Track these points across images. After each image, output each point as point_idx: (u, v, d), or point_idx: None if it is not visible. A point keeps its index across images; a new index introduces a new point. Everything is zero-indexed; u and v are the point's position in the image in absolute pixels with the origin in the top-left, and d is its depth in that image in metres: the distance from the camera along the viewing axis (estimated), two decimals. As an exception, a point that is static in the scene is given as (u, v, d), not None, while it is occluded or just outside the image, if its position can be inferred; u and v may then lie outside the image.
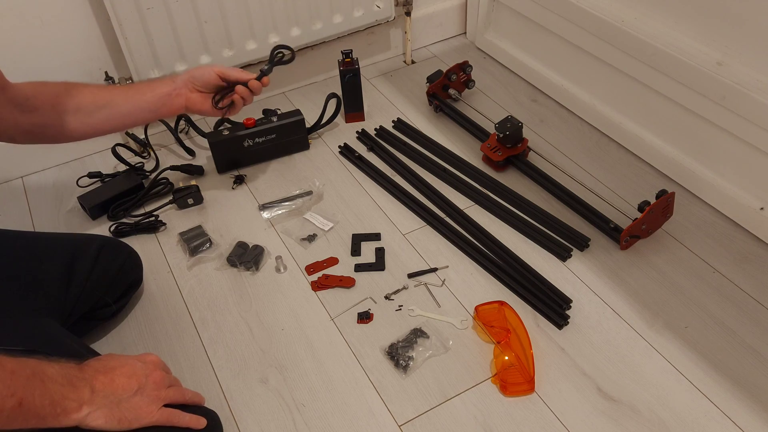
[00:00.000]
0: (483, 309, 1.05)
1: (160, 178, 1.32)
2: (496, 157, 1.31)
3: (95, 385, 0.72)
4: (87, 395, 0.70)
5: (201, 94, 1.13)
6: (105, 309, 1.04)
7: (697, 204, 1.23)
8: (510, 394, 0.95)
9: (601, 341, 1.01)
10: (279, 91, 1.61)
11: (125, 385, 0.74)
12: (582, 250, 1.16)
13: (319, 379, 0.99)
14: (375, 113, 1.52)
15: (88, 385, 0.71)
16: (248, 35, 1.40)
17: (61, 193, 1.36)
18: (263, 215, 1.27)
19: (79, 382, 0.70)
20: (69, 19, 1.28)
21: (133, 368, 0.77)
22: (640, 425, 0.90)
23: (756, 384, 0.94)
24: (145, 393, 0.76)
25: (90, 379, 0.72)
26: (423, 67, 1.68)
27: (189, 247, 1.19)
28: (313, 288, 1.12)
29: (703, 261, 1.13)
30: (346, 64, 1.42)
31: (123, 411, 0.73)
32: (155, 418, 0.76)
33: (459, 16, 1.76)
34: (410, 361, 0.99)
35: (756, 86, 1.04)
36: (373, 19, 1.53)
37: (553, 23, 1.43)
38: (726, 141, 1.14)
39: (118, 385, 0.74)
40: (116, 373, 0.75)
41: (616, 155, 1.36)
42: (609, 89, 1.37)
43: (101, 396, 0.72)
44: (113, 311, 1.06)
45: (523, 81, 1.59)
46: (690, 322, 1.03)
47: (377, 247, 1.19)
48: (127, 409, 0.73)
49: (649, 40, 1.19)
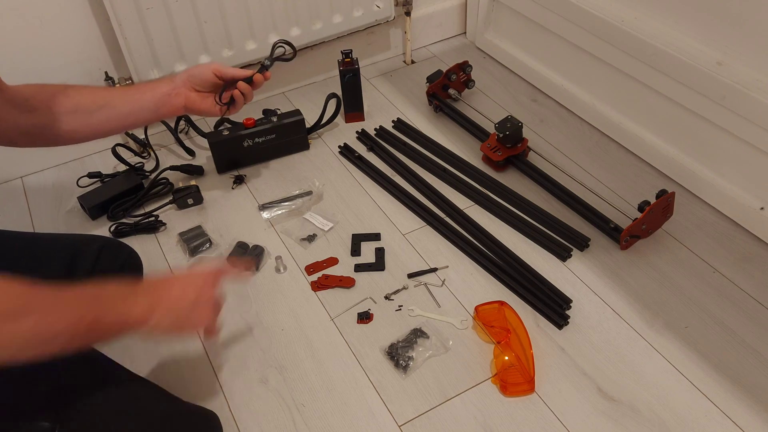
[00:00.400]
0: (483, 309, 1.05)
1: (159, 178, 1.32)
2: (496, 157, 1.31)
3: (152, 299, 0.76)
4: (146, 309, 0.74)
5: (200, 94, 1.13)
6: None
7: (697, 204, 1.23)
8: (510, 394, 0.95)
9: (601, 341, 1.01)
10: (279, 91, 1.61)
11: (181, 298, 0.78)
12: (582, 250, 1.16)
13: (319, 380, 0.99)
14: (375, 113, 1.52)
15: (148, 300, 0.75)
16: (248, 35, 1.40)
17: (60, 193, 1.36)
18: (263, 215, 1.27)
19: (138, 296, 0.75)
20: (69, 19, 1.28)
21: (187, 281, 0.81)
22: (640, 425, 0.90)
23: (756, 384, 0.94)
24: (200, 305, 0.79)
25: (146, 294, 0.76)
26: (423, 67, 1.68)
27: (189, 247, 1.19)
28: (313, 288, 1.12)
29: (703, 261, 1.13)
30: (346, 64, 1.42)
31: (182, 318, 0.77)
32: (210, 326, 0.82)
33: (459, 16, 1.76)
34: (410, 361, 0.99)
35: (756, 86, 1.04)
36: (372, 19, 1.53)
37: (553, 23, 1.43)
38: (726, 141, 1.14)
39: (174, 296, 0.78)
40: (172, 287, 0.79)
41: (616, 155, 1.36)
42: (609, 89, 1.37)
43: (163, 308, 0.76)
44: None
45: (523, 81, 1.59)
46: (690, 322, 1.03)
47: (377, 247, 1.19)
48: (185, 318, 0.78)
49: (649, 40, 1.19)
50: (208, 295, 0.81)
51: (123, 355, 1.03)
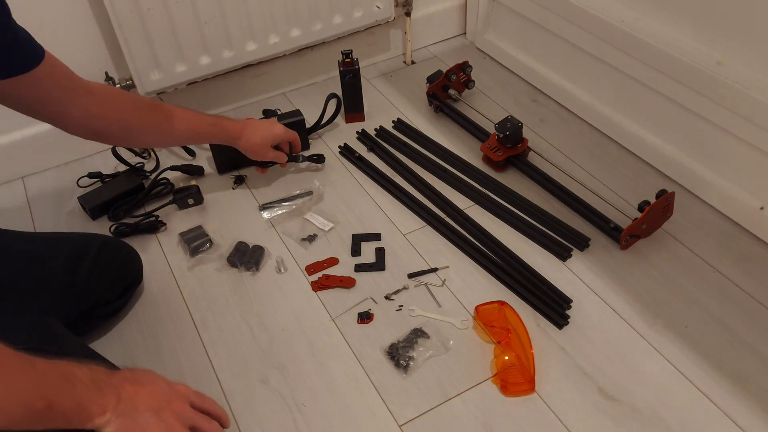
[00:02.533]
0: (483, 309, 1.05)
1: (160, 178, 1.33)
2: (496, 157, 1.31)
3: (122, 393, 0.70)
4: (113, 402, 0.69)
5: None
6: (106, 306, 1.05)
7: (697, 204, 1.23)
8: (510, 394, 0.95)
9: (601, 341, 1.01)
10: (279, 91, 1.61)
11: (146, 401, 0.72)
12: (582, 250, 1.16)
13: (320, 380, 0.99)
14: (375, 113, 1.53)
15: (116, 393, 0.70)
16: (248, 36, 1.40)
17: (61, 193, 1.36)
18: (263, 215, 1.27)
19: (107, 387, 0.69)
20: (69, 20, 1.28)
21: (159, 389, 0.75)
22: (640, 425, 0.90)
23: (756, 384, 0.94)
24: (161, 416, 0.72)
25: (118, 386, 0.70)
26: (423, 67, 1.68)
27: (189, 247, 1.19)
28: (314, 288, 1.12)
29: (703, 261, 1.13)
30: (346, 64, 1.42)
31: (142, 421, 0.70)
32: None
33: (459, 17, 1.76)
34: (411, 361, 0.99)
35: (756, 86, 1.04)
36: (372, 19, 1.53)
37: (553, 23, 1.43)
38: (726, 141, 1.14)
39: (140, 399, 0.71)
40: (143, 388, 0.73)
41: (616, 155, 1.36)
42: (609, 89, 1.37)
43: (123, 405, 0.70)
44: (114, 308, 1.07)
45: (523, 81, 1.60)
46: (690, 321, 1.03)
47: (377, 247, 1.19)
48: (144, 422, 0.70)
49: (649, 40, 1.19)
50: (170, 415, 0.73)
51: (124, 356, 1.04)
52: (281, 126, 1.28)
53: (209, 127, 1.18)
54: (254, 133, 1.23)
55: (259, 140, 1.23)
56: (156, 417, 0.71)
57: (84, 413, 0.66)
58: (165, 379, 0.77)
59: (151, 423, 0.71)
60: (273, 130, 1.26)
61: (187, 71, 1.37)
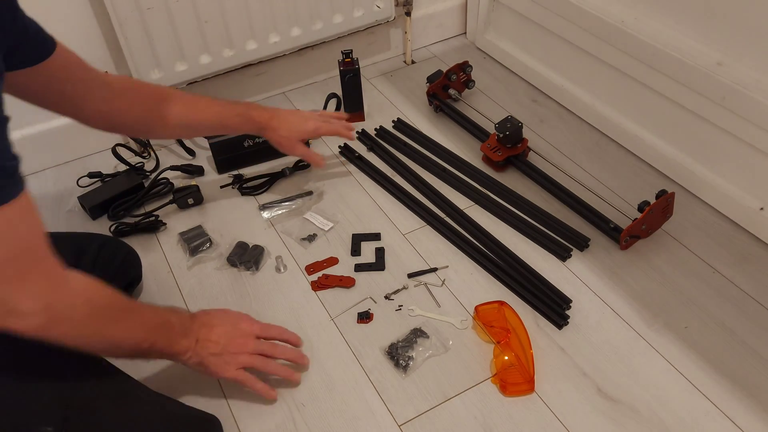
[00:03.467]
0: (483, 309, 1.05)
1: (160, 177, 1.33)
2: (496, 157, 1.31)
3: (199, 336, 0.89)
4: (192, 344, 0.88)
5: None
6: None
7: (697, 204, 1.23)
8: (510, 394, 0.95)
9: (600, 341, 1.01)
10: (279, 91, 1.61)
11: (215, 341, 0.90)
12: (582, 250, 1.16)
13: (319, 379, 0.99)
14: (375, 113, 1.53)
15: (195, 335, 0.88)
16: (248, 35, 1.40)
17: (61, 193, 1.36)
18: (263, 215, 1.27)
19: (190, 332, 0.88)
20: (69, 19, 1.28)
21: (225, 331, 0.92)
22: (640, 425, 0.90)
23: (756, 384, 0.94)
24: (223, 356, 0.90)
25: (197, 330, 0.89)
26: (423, 67, 1.68)
27: (189, 246, 1.19)
28: (313, 288, 1.12)
29: (703, 261, 1.13)
30: (346, 64, 1.42)
31: (207, 362, 0.89)
32: (229, 375, 0.90)
33: (459, 17, 1.76)
34: (410, 361, 0.99)
35: (756, 86, 1.04)
36: (373, 19, 1.53)
37: (553, 23, 1.43)
38: (726, 141, 1.14)
39: (210, 340, 0.89)
40: (213, 331, 0.90)
41: (616, 155, 1.36)
42: (609, 89, 1.37)
43: (199, 345, 0.88)
44: None
45: (523, 81, 1.60)
46: (690, 322, 1.03)
47: (377, 247, 1.19)
48: (209, 363, 0.89)
49: (649, 40, 1.19)
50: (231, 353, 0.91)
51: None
52: (315, 122, 1.21)
53: (235, 118, 1.13)
54: (281, 125, 1.17)
55: (285, 133, 1.17)
56: (219, 358, 0.89)
57: (173, 351, 0.86)
58: (234, 317, 0.96)
59: (218, 363, 0.90)
60: (303, 125, 1.19)
61: (187, 70, 1.37)
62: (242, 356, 0.92)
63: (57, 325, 0.70)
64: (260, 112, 1.16)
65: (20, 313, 0.66)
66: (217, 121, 1.12)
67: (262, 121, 1.16)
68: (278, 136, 1.18)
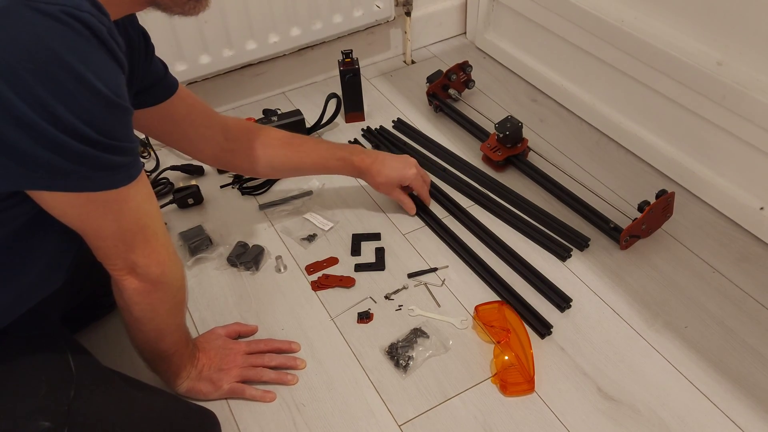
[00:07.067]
0: (483, 309, 1.05)
1: (160, 177, 1.33)
2: (496, 157, 1.31)
3: (196, 363, 0.94)
4: (193, 371, 0.94)
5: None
6: (105, 297, 1.04)
7: (697, 204, 1.23)
8: (510, 394, 0.95)
9: (601, 341, 1.01)
10: (279, 91, 1.61)
11: (207, 366, 0.95)
12: (582, 250, 1.16)
13: (319, 379, 0.99)
14: (375, 113, 1.52)
15: (193, 362, 0.94)
16: (248, 35, 1.40)
17: (61, 192, 1.36)
18: (263, 215, 1.27)
19: (193, 359, 0.94)
20: (69, 18, 1.28)
21: (217, 352, 0.97)
22: (640, 425, 0.90)
23: (756, 384, 0.94)
24: (211, 379, 0.95)
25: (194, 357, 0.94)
26: (423, 67, 1.68)
27: (189, 246, 1.19)
28: (313, 288, 1.12)
29: (703, 261, 1.13)
30: (346, 64, 1.42)
31: (198, 388, 0.93)
32: (225, 389, 0.95)
33: (459, 16, 1.76)
34: (410, 361, 0.99)
35: (756, 86, 1.04)
36: (373, 19, 1.53)
37: (553, 23, 1.43)
38: (726, 141, 1.14)
39: (202, 364, 0.95)
40: (205, 355, 0.96)
41: (616, 155, 1.36)
42: (609, 89, 1.37)
43: (195, 371, 0.94)
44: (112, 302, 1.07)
45: (523, 81, 1.60)
46: (690, 321, 1.03)
47: (377, 247, 1.19)
48: (200, 388, 0.94)
49: (649, 40, 1.19)
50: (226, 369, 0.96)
51: (123, 353, 1.03)
52: (415, 169, 1.19)
53: (336, 162, 1.16)
54: (380, 171, 1.17)
55: (383, 179, 1.18)
56: (207, 382, 0.94)
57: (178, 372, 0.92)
58: (223, 338, 1.00)
59: (204, 387, 0.94)
60: (403, 171, 1.18)
61: (186, 70, 1.37)
62: (234, 370, 0.96)
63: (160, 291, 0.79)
64: (362, 157, 1.17)
65: (142, 274, 0.75)
66: (321, 164, 1.16)
67: (363, 166, 1.17)
68: (376, 182, 1.19)
